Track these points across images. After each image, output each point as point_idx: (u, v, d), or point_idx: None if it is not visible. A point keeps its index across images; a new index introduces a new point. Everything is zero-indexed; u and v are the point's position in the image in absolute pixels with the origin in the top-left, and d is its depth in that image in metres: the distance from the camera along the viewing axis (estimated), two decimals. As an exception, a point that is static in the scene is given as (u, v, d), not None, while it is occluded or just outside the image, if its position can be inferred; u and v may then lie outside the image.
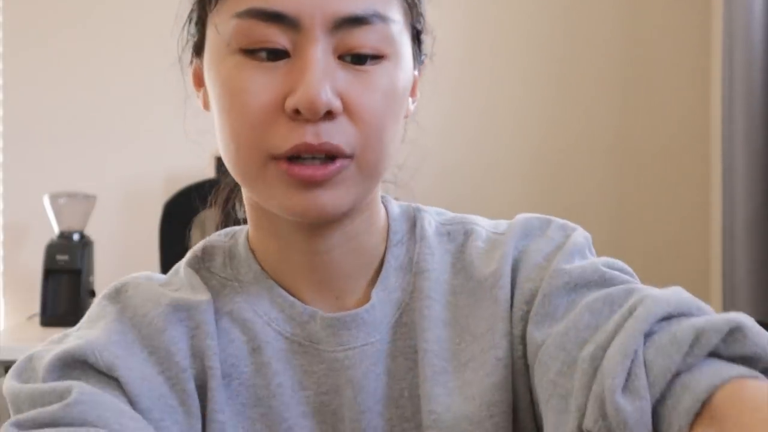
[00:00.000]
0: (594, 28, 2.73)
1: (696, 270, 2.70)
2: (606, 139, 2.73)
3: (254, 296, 0.78)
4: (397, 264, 0.79)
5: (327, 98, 0.66)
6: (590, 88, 2.73)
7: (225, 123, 0.70)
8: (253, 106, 0.68)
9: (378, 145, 0.70)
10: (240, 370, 0.75)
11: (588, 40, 2.74)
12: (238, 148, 0.70)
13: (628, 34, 2.73)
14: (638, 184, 2.73)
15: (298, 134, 0.67)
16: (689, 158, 2.72)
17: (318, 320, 0.76)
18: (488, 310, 0.76)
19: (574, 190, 2.72)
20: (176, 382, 0.71)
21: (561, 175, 2.73)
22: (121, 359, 0.70)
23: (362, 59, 0.69)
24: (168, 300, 0.75)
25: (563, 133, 2.74)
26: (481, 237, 0.81)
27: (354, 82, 0.69)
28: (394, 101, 0.71)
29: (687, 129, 2.72)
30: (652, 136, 2.72)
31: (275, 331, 0.76)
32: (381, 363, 0.76)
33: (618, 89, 2.73)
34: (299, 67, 0.68)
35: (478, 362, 0.74)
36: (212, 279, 0.80)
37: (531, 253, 0.77)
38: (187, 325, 0.74)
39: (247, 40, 0.69)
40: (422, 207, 0.84)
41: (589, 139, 2.73)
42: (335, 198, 0.70)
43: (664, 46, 2.72)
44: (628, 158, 2.73)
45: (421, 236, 0.81)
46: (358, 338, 0.76)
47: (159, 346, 0.72)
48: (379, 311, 0.77)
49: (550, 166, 2.73)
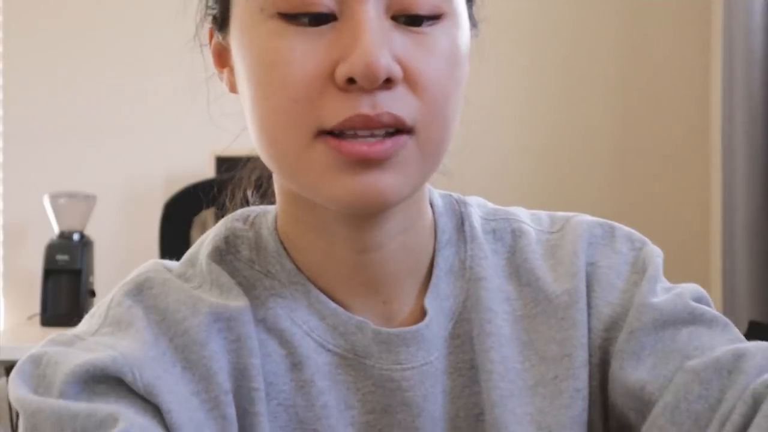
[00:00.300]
0: (594, 27, 2.73)
1: (696, 270, 2.70)
2: (606, 139, 2.73)
3: (290, 300, 0.66)
4: (447, 267, 0.70)
5: (386, 62, 0.57)
6: (590, 87, 2.73)
7: (261, 99, 0.60)
8: (297, 78, 0.58)
9: (442, 119, 0.60)
10: (278, 389, 0.64)
11: (588, 40, 2.74)
12: (277, 126, 0.59)
13: (628, 34, 2.73)
14: (638, 184, 2.73)
15: (351, 105, 0.57)
16: (689, 158, 2.72)
17: (369, 333, 0.66)
18: (563, 333, 0.68)
19: (573, 189, 2.72)
20: (215, 406, 0.60)
21: (560, 174, 2.73)
22: (161, 380, 0.59)
23: (418, 20, 0.59)
24: (207, 307, 0.63)
25: (563, 133, 2.74)
26: (532, 238, 0.73)
27: (412, 45, 0.59)
28: (457, 65, 0.61)
29: (687, 129, 2.72)
30: (652, 136, 2.72)
31: (316, 342, 0.66)
32: (440, 383, 0.67)
33: (618, 89, 2.73)
34: (350, 30, 0.58)
35: (550, 389, 0.67)
36: (239, 277, 0.68)
37: (603, 270, 0.71)
38: (226, 338, 0.63)
39: (287, 4, 0.58)
40: (465, 198, 0.75)
41: (588, 138, 2.73)
42: (394, 181, 0.59)
43: (664, 46, 2.72)
44: (627, 158, 2.73)
45: (471, 236, 0.72)
46: (418, 357, 0.66)
47: (197, 361, 0.61)
48: (435, 324, 0.68)
49: (549, 166, 2.73)
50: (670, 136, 2.72)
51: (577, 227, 0.73)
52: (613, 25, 2.73)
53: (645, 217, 2.72)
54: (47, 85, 2.73)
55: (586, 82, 2.73)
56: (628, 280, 0.70)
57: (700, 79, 2.71)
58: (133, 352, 0.59)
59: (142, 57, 2.73)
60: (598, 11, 2.73)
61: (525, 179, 2.71)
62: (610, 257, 0.72)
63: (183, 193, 2.36)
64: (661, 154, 2.72)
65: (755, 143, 2.26)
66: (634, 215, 2.72)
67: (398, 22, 0.59)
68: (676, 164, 2.72)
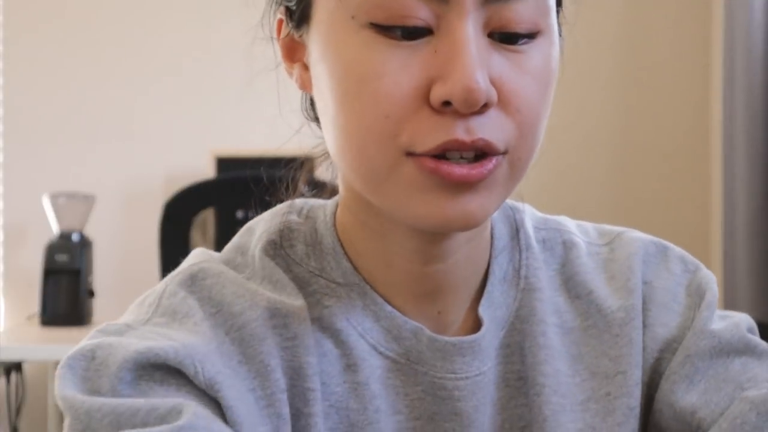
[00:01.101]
0: (594, 27, 2.73)
1: (696, 270, 2.70)
2: (606, 139, 2.73)
3: (345, 300, 0.65)
4: (501, 275, 0.69)
5: (486, 87, 0.55)
6: (590, 88, 2.73)
7: (347, 113, 0.58)
8: (390, 94, 0.55)
9: (533, 140, 0.59)
10: (332, 390, 0.63)
11: (588, 40, 2.73)
12: (365, 143, 0.57)
13: (628, 34, 2.73)
14: (638, 183, 2.73)
15: (446, 130, 0.55)
16: (689, 158, 2.72)
17: (424, 339, 0.65)
18: (618, 350, 0.67)
19: (573, 189, 2.72)
20: (270, 404, 0.59)
21: (561, 175, 2.73)
22: (222, 375, 0.57)
23: (515, 38, 0.57)
24: (266, 302, 0.62)
25: (563, 133, 2.74)
26: (582, 251, 0.72)
27: (507, 66, 0.57)
28: (549, 86, 0.60)
29: (687, 129, 2.72)
30: (652, 135, 2.72)
31: (370, 345, 0.64)
32: (489, 393, 0.66)
33: (618, 89, 2.73)
34: (448, 48, 0.55)
35: (602, 405, 0.66)
36: (293, 272, 0.66)
37: (659, 290, 0.70)
38: (282, 335, 0.62)
39: (382, 14, 0.56)
40: (518, 205, 0.74)
41: (588, 139, 2.73)
42: (485, 203, 0.58)
43: (664, 46, 2.72)
44: (627, 158, 2.73)
45: (526, 244, 0.70)
46: (473, 366, 0.65)
47: (254, 357, 0.60)
48: (489, 333, 0.67)
49: (549, 166, 2.73)
50: (670, 136, 2.72)
51: (630, 243, 0.72)
52: (613, 25, 2.73)
53: (645, 216, 2.72)
54: (47, 85, 2.73)
55: (586, 81, 2.73)
56: (683, 303, 0.70)
57: (700, 79, 2.71)
58: (194, 345, 0.57)
59: (142, 57, 2.73)
60: (598, 11, 2.73)
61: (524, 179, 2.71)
62: (664, 278, 0.71)
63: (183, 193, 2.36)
64: (661, 154, 2.72)
65: (755, 143, 2.25)
66: (634, 215, 2.72)
67: (494, 39, 0.57)
68: (676, 164, 2.72)
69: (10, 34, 2.74)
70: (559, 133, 2.73)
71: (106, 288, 2.63)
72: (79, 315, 2.48)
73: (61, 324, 2.46)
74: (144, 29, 2.73)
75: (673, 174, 2.72)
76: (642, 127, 2.73)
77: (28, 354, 2.39)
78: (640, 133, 2.72)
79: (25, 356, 2.42)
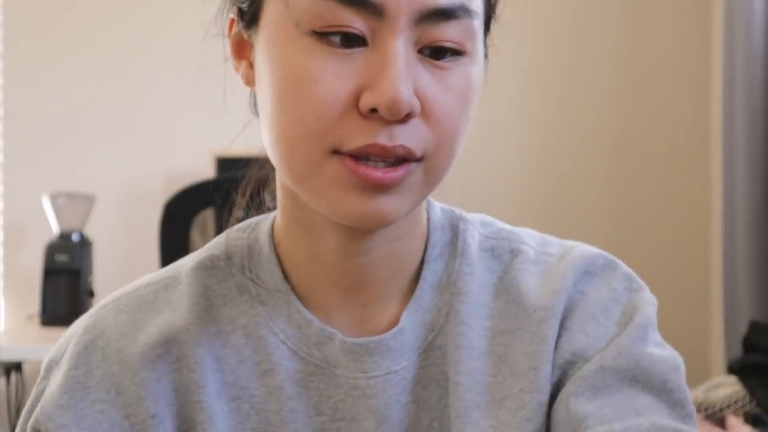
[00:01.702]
0: (594, 27, 2.73)
1: (696, 270, 2.70)
2: (606, 140, 2.73)
3: (271, 308, 0.71)
4: (435, 281, 0.73)
5: (409, 98, 0.60)
6: (590, 87, 2.73)
7: (283, 111, 0.63)
8: (323, 98, 0.61)
9: (450, 150, 0.65)
10: (250, 393, 0.69)
11: (588, 40, 2.73)
12: (296, 141, 0.63)
13: (628, 34, 2.73)
14: (638, 184, 2.72)
15: (370, 134, 0.61)
16: (689, 159, 2.72)
17: (337, 343, 0.70)
18: (533, 347, 0.70)
19: (574, 190, 2.72)
20: (143, 428, 0.68)
21: (561, 175, 2.73)
22: (65, 428, 0.68)
23: (442, 54, 0.63)
24: (145, 336, 0.70)
25: (563, 133, 2.74)
26: (529, 258, 0.75)
27: (432, 80, 0.63)
28: (469, 102, 0.65)
29: (687, 129, 2.72)
30: (652, 136, 2.72)
31: (290, 350, 0.70)
32: (408, 392, 0.70)
33: (618, 89, 2.73)
34: (379, 60, 0.61)
35: (515, 402, 0.69)
36: (227, 284, 0.73)
37: (590, 300, 0.72)
38: (167, 360, 0.69)
39: (322, 22, 0.61)
40: (466, 216, 0.77)
41: (589, 139, 2.73)
42: (397, 205, 0.64)
43: (664, 46, 2.72)
44: (628, 158, 2.73)
45: (462, 251, 0.74)
46: (382, 366, 0.70)
47: (129, 387, 0.68)
48: (409, 335, 0.71)
49: (549, 167, 2.73)
50: (670, 136, 2.72)
51: (578, 255, 0.75)
52: (613, 25, 2.73)
53: (645, 217, 2.72)
54: (47, 85, 2.73)
55: (586, 82, 2.73)
56: (614, 318, 0.71)
57: (700, 79, 2.71)
58: (46, 401, 0.69)
59: (143, 57, 2.73)
60: (598, 11, 2.73)
61: (524, 179, 2.71)
62: (601, 290, 0.73)
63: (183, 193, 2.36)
64: (661, 154, 2.72)
65: (755, 143, 2.26)
66: (634, 215, 2.72)
67: (423, 55, 0.63)
68: (676, 164, 2.72)
69: (10, 34, 2.74)
70: (559, 133, 2.74)
71: (106, 288, 2.63)
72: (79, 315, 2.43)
73: (61, 324, 2.46)
74: (144, 29, 2.73)
75: (673, 174, 2.72)
76: (642, 128, 2.72)
77: (28, 354, 2.39)
78: (640, 134, 2.72)
79: (25, 356, 2.42)
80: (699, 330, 2.69)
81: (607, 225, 2.72)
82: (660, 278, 2.73)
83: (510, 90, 2.71)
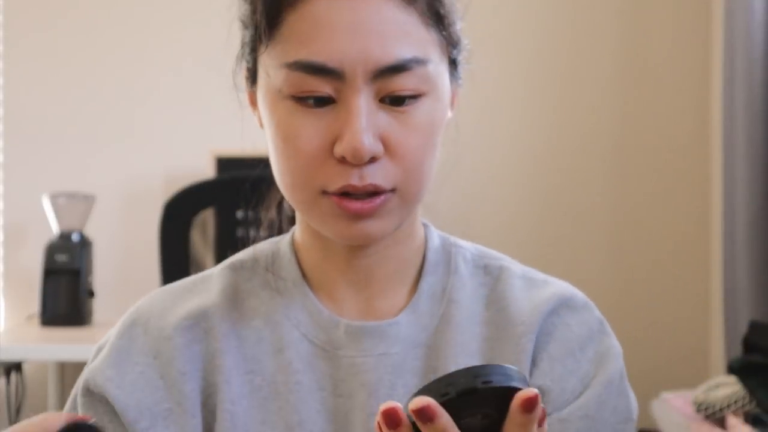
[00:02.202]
0: (594, 27, 2.73)
1: (696, 270, 2.70)
2: (606, 140, 2.73)
3: (288, 300, 0.84)
4: (431, 292, 0.85)
5: (370, 146, 0.73)
6: (590, 87, 2.73)
7: (279, 161, 0.78)
8: (305, 151, 0.75)
9: (418, 177, 0.77)
10: (263, 367, 0.81)
11: (588, 40, 2.73)
12: (293, 184, 0.78)
13: (628, 34, 2.73)
14: (638, 184, 2.72)
15: (345, 176, 0.74)
16: (689, 159, 2.72)
17: (342, 328, 0.82)
18: (515, 356, 0.81)
19: (573, 189, 2.72)
20: (173, 385, 0.80)
21: (560, 174, 2.73)
22: (110, 381, 0.80)
23: (401, 100, 0.75)
24: (183, 310, 0.83)
25: (563, 134, 2.74)
26: (516, 274, 0.87)
27: (394, 123, 0.75)
28: (431, 135, 0.77)
29: (687, 129, 2.72)
30: (652, 136, 2.72)
31: (301, 334, 0.82)
32: (398, 375, 0.81)
33: (617, 89, 2.73)
34: (344, 116, 0.74)
35: None
36: (252, 282, 0.86)
37: (571, 333, 0.83)
38: (197, 331, 0.82)
39: (297, 89, 0.74)
40: (459, 242, 0.89)
41: (588, 139, 2.73)
42: (380, 226, 0.77)
43: (664, 46, 2.72)
44: (627, 158, 2.73)
45: (454, 270, 0.86)
46: (378, 347, 0.81)
47: (164, 352, 0.81)
48: (405, 330, 0.82)
49: (549, 168, 2.73)
50: (670, 136, 2.72)
51: (562, 286, 0.86)
52: (613, 25, 2.73)
53: (645, 217, 2.72)
54: (47, 85, 2.73)
55: (586, 82, 2.73)
56: (588, 356, 0.82)
57: (700, 79, 2.71)
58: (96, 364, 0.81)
59: (142, 57, 2.73)
60: (597, 11, 2.72)
61: (524, 179, 2.71)
62: (581, 326, 0.84)
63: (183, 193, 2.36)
64: (661, 154, 2.72)
65: (755, 143, 2.26)
66: (634, 215, 2.72)
67: (385, 103, 0.75)
68: (676, 164, 2.72)
69: (10, 34, 2.74)
70: (559, 133, 2.74)
71: (106, 288, 2.63)
72: (79, 315, 2.48)
73: (61, 324, 2.46)
74: (144, 29, 2.73)
75: (673, 174, 2.72)
76: (642, 128, 2.72)
77: (28, 354, 2.39)
78: (640, 134, 2.72)
79: (25, 356, 2.43)
80: (699, 330, 2.69)
81: (607, 225, 2.72)
82: (660, 278, 2.73)
83: (510, 90, 2.71)
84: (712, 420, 1.87)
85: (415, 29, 0.75)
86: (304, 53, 0.74)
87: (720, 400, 1.86)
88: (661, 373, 2.59)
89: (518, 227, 2.66)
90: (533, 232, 2.68)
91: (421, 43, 0.75)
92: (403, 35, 0.74)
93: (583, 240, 2.70)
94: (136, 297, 0.88)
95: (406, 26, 0.75)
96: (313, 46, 0.73)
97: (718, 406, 1.85)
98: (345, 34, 0.73)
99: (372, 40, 0.73)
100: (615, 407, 0.81)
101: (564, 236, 2.69)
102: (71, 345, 2.30)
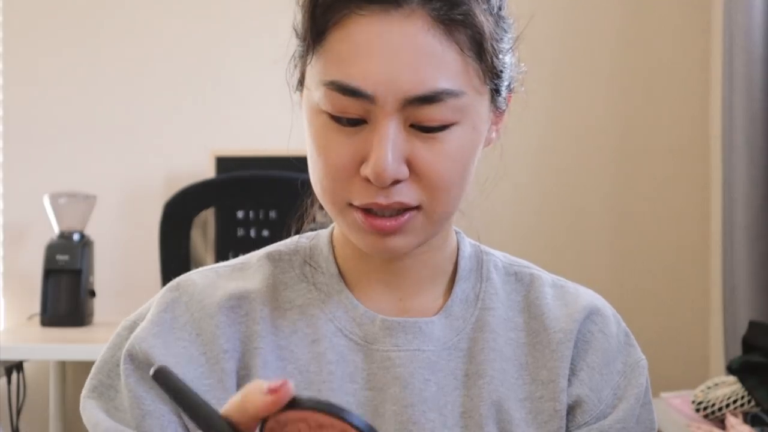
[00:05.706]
0: (594, 27, 2.73)
1: (696, 270, 2.70)
2: (606, 139, 2.73)
3: (325, 294, 0.86)
4: (464, 297, 0.87)
5: (393, 172, 0.75)
6: (590, 89, 2.73)
7: (314, 168, 0.80)
8: (336, 164, 0.77)
9: (445, 200, 0.79)
10: (297, 356, 0.83)
11: (588, 40, 2.74)
12: (323, 192, 0.80)
13: (628, 34, 2.73)
14: (638, 184, 2.73)
15: (370, 194, 0.77)
16: (689, 159, 2.72)
17: (377, 322, 0.84)
18: (552, 362, 0.85)
19: (574, 190, 2.72)
20: (215, 362, 0.81)
21: (560, 176, 2.73)
22: (155, 348, 0.81)
23: (430, 129, 0.76)
24: (224, 291, 0.84)
25: (563, 134, 2.74)
26: (547, 282, 0.90)
27: (422, 148, 0.76)
28: (461, 161, 0.78)
29: (687, 129, 2.72)
30: (652, 136, 2.72)
31: (336, 327, 0.84)
32: (431, 371, 0.83)
33: (617, 90, 2.73)
34: (373, 138, 0.76)
35: (535, 405, 0.84)
36: (289, 274, 0.87)
37: (607, 343, 0.87)
38: (238, 312, 0.84)
39: (332, 107, 0.76)
40: (489, 249, 0.92)
41: (588, 140, 2.73)
42: (405, 242, 0.79)
43: (664, 46, 2.73)
44: (627, 159, 2.73)
45: (486, 277, 0.89)
46: (413, 343, 0.83)
47: (206, 329, 0.82)
48: (438, 330, 0.85)
49: (549, 168, 2.73)
50: (670, 136, 2.72)
51: (593, 294, 0.90)
52: (613, 25, 2.73)
53: (645, 216, 2.72)
54: (47, 85, 2.74)
55: (586, 82, 2.73)
56: (617, 368, 0.87)
57: (700, 79, 2.71)
58: (140, 331, 0.82)
59: (143, 57, 2.73)
60: (598, 11, 2.73)
61: (524, 179, 2.71)
62: (612, 337, 0.87)
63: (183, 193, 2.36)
64: (661, 154, 2.72)
65: (755, 143, 2.26)
66: (633, 215, 2.73)
67: (415, 129, 0.76)
68: (676, 164, 2.72)
69: (10, 34, 2.74)
70: (559, 134, 2.74)
71: (106, 288, 2.63)
72: (79, 315, 2.49)
73: (61, 324, 2.46)
74: (144, 29, 2.73)
75: (673, 174, 2.72)
76: (642, 128, 2.73)
77: (28, 354, 2.40)
78: (640, 134, 2.72)
79: (25, 356, 2.43)
80: (699, 330, 2.70)
81: (607, 225, 2.72)
82: (660, 278, 2.74)
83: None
84: (712, 419, 1.87)
85: (453, 60, 0.76)
86: (341, 75, 0.75)
87: (719, 399, 1.86)
88: (661, 372, 2.59)
89: (518, 228, 2.66)
90: (533, 233, 2.68)
91: (457, 74, 0.76)
92: (439, 66, 0.75)
93: (582, 240, 2.70)
94: (137, 297, 0.89)
95: (444, 57, 0.75)
96: (350, 68, 0.75)
97: (718, 405, 1.86)
98: (380, 59, 0.74)
99: (405, 68, 0.74)
100: (645, 419, 0.86)
101: (564, 237, 2.69)
102: (72, 345, 2.30)
